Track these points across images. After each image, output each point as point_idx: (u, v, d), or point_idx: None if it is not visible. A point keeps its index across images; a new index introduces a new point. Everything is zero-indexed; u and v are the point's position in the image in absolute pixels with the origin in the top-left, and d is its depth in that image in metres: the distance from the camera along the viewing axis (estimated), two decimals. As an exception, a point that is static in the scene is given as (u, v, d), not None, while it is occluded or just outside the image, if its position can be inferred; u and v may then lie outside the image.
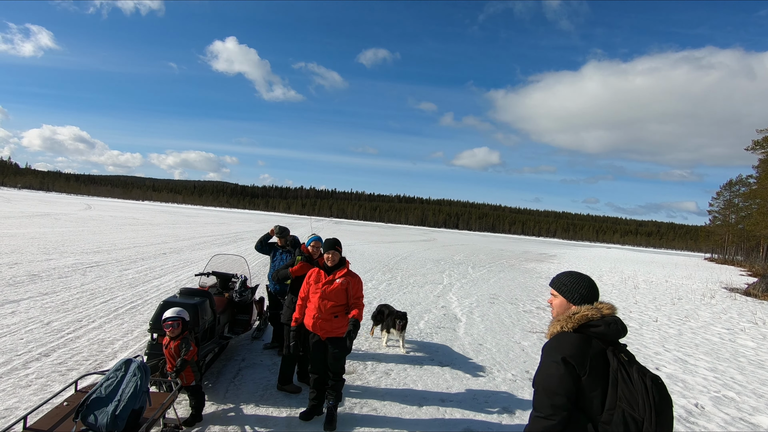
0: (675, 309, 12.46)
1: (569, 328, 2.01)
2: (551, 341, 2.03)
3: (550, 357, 1.96)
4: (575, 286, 2.16)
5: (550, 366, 1.93)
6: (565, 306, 2.16)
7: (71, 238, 16.79)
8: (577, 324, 2.00)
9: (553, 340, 2.02)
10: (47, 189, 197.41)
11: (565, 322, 2.03)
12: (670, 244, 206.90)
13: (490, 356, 6.46)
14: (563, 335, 2.01)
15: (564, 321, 2.05)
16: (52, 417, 3.04)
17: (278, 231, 6.11)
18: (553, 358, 1.93)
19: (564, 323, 2.04)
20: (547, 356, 1.97)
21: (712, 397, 5.55)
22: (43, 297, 7.44)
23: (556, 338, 2.02)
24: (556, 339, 2.01)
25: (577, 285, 2.15)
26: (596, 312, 2.02)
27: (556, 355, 1.93)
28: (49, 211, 34.25)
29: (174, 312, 3.80)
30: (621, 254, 59.28)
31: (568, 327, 2.02)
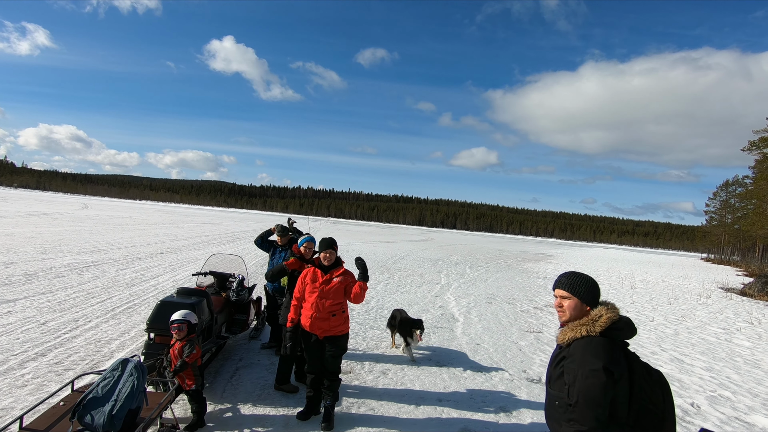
0: (671, 309, 12.51)
1: (596, 333, 1.94)
2: (583, 348, 1.92)
3: (588, 366, 1.85)
4: (589, 287, 2.10)
5: (590, 376, 1.83)
6: (580, 308, 2.08)
7: (68, 237, 16.73)
8: (604, 327, 1.94)
9: (585, 347, 1.92)
10: (44, 188, 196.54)
11: (591, 326, 1.96)
12: (667, 245, 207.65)
13: (488, 356, 6.47)
14: (594, 341, 1.92)
15: (590, 325, 1.96)
16: (48, 417, 3.03)
17: (279, 230, 6.04)
18: (592, 367, 1.84)
19: (590, 327, 1.96)
20: (585, 365, 1.87)
21: (708, 396, 5.58)
22: (39, 296, 7.41)
23: (589, 345, 1.92)
24: (589, 346, 1.91)
25: (590, 286, 2.10)
26: (615, 313, 1.99)
27: (596, 364, 1.84)
28: (46, 211, 34.10)
29: (181, 315, 3.82)
30: (618, 254, 59.46)
31: (595, 331, 1.94)
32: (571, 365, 1.93)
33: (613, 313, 1.98)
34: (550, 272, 21.19)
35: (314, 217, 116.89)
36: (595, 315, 1.99)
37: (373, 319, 7.97)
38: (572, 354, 1.95)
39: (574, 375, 1.89)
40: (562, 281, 2.16)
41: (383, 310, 8.77)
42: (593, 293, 2.08)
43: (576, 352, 1.93)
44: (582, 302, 2.08)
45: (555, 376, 2.04)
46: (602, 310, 2.00)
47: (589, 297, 2.08)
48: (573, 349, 1.97)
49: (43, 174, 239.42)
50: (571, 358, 1.94)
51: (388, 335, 7.05)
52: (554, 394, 2.03)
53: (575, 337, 1.98)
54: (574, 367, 1.91)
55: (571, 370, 1.91)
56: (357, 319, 7.82)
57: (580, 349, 1.93)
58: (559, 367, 2.02)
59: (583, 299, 2.08)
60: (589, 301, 2.07)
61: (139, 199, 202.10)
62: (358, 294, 4.03)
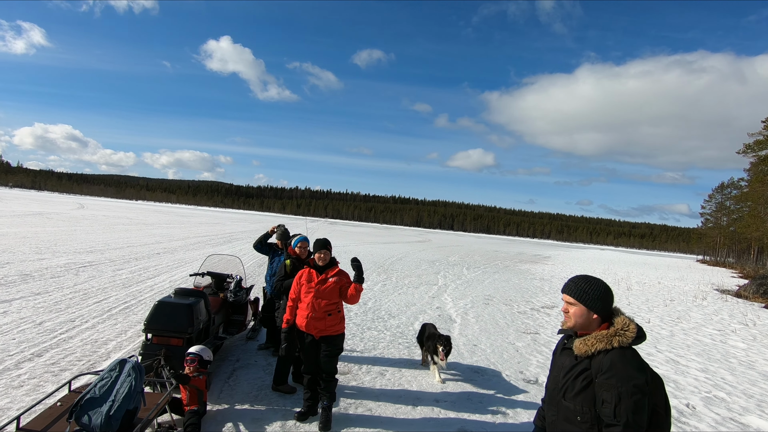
0: (667, 310, 12.58)
1: (627, 344, 1.86)
2: (623, 363, 1.82)
3: (632, 381, 1.77)
4: (599, 295, 1.98)
5: (636, 392, 1.76)
6: (586, 316, 1.98)
7: (64, 237, 16.65)
8: (633, 337, 1.86)
9: (623, 360, 1.82)
10: (39, 188, 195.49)
11: (623, 337, 1.87)
12: (662, 246, 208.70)
13: (485, 357, 6.49)
14: (629, 353, 1.85)
15: (622, 336, 1.87)
16: (45, 417, 3.02)
17: (279, 234, 5.94)
18: (636, 383, 1.77)
19: (622, 338, 1.87)
20: (629, 380, 1.78)
21: (703, 397, 5.61)
22: (35, 297, 7.38)
23: (625, 358, 1.83)
24: (625, 359, 1.83)
25: (601, 294, 1.98)
26: (633, 322, 1.92)
27: (639, 378, 1.78)
28: (41, 211, 33.92)
29: (196, 349, 4.01)
30: (614, 256, 59.68)
31: (626, 343, 1.86)
32: (611, 380, 1.80)
33: (634, 322, 1.92)
34: (547, 274, 21.25)
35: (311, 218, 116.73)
36: (623, 325, 1.90)
37: (371, 320, 7.98)
38: (610, 368, 1.83)
39: (618, 392, 1.78)
40: (570, 286, 2.04)
41: (380, 311, 8.78)
42: (604, 301, 1.96)
43: (616, 367, 1.82)
44: (589, 310, 1.97)
45: (575, 389, 1.93)
46: (626, 319, 1.91)
47: (597, 305, 1.96)
48: (609, 362, 1.84)
49: (39, 174, 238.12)
50: (609, 373, 1.82)
51: (385, 336, 7.07)
52: (575, 408, 1.92)
53: (604, 349, 1.87)
54: (614, 383, 1.79)
55: (611, 386, 1.80)
56: (354, 320, 7.82)
57: (619, 363, 1.82)
58: (582, 380, 1.91)
59: (591, 307, 1.97)
60: (598, 310, 1.96)
61: (136, 199, 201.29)
62: (354, 295, 4.05)
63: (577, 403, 1.92)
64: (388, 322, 8.02)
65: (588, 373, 1.90)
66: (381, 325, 7.76)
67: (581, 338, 1.98)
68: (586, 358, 1.93)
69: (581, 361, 1.95)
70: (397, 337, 7.08)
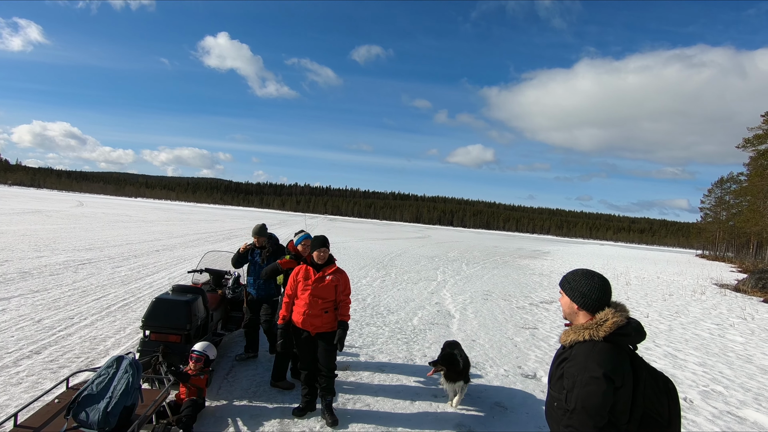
0: (666, 305, 12.60)
1: (599, 337, 1.85)
2: (585, 353, 1.84)
3: (588, 372, 1.79)
4: (579, 287, 2.01)
5: (590, 383, 1.77)
6: (569, 306, 2.03)
7: (63, 235, 16.64)
8: (608, 332, 1.85)
9: (588, 352, 1.84)
10: (38, 186, 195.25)
11: (595, 331, 1.86)
12: (662, 241, 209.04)
13: (483, 352, 6.50)
14: (597, 346, 1.84)
15: (593, 329, 1.87)
16: (43, 414, 3.02)
17: (256, 230, 5.41)
18: (593, 374, 1.78)
19: (593, 331, 1.86)
20: (585, 371, 1.80)
21: (701, 391, 5.63)
22: (34, 294, 7.38)
23: (591, 350, 1.84)
24: (591, 351, 1.84)
25: (583, 287, 2.00)
26: (623, 318, 1.89)
27: (596, 371, 1.77)
28: (41, 208, 33.88)
29: (201, 347, 4.02)
30: (614, 251, 59.76)
31: (599, 335, 1.85)
32: (571, 369, 1.86)
33: (620, 317, 1.88)
34: (546, 269, 21.27)
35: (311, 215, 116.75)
36: (600, 318, 1.89)
37: (370, 316, 7.99)
38: (573, 358, 1.88)
39: (573, 380, 1.82)
40: (563, 277, 2.12)
41: (379, 307, 8.79)
42: (585, 295, 1.98)
43: (577, 357, 1.86)
44: (572, 302, 2.02)
45: (556, 377, 1.99)
46: (608, 314, 1.89)
47: (579, 298, 1.99)
48: (575, 352, 1.89)
49: (38, 171, 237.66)
50: (572, 362, 1.87)
51: (384, 332, 7.07)
52: (554, 395, 1.98)
53: (577, 340, 1.91)
54: (573, 372, 1.84)
55: (570, 375, 1.85)
56: (353, 315, 7.82)
57: (581, 354, 1.85)
58: (559, 369, 1.97)
59: (572, 299, 2.01)
60: (579, 302, 1.99)
61: (135, 196, 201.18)
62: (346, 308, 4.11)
63: (555, 390, 1.98)
64: (387, 317, 8.03)
65: (565, 363, 1.94)
66: (380, 320, 7.77)
67: (566, 328, 2.04)
68: (568, 348, 1.97)
69: (564, 351, 2.00)
70: (395, 332, 7.09)
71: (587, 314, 1.99)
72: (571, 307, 2.03)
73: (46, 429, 2.87)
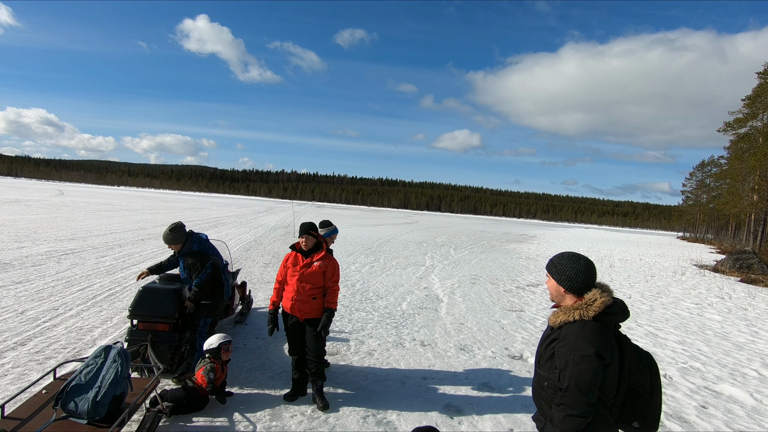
0: (648, 286, 12.94)
1: (589, 317, 1.91)
2: (576, 333, 1.90)
3: (579, 351, 1.85)
4: (564, 270, 2.06)
5: (582, 361, 1.83)
6: (556, 289, 2.09)
7: (44, 225, 16.26)
8: (597, 312, 1.91)
9: (578, 331, 1.90)
10: (15, 174, 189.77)
11: (585, 311, 1.93)
12: (645, 224, 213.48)
13: (471, 335, 6.62)
14: (587, 326, 1.90)
15: (583, 309, 1.93)
16: (30, 405, 3.00)
17: (167, 237, 4.48)
18: (584, 353, 1.84)
19: (583, 312, 1.93)
20: (577, 350, 1.86)
21: (680, 368, 5.84)
22: (16, 285, 7.24)
23: (582, 330, 1.90)
24: (581, 330, 1.90)
25: (567, 269, 2.05)
26: (610, 298, 1.95)
27: (587, 349, 1.84)
28: (19, 198, 32.98)
29: (224, 338, 4.02)
30: (598, 234, 60.87)
31: (588, 315, 1.91)
32: (562, 349, 1.91)
33: (607, 297, 1.95)
34: (533, 253, 21.59)
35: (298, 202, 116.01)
36: (589, 299, 1.95)
37: (359, 302, 8.04)
38: (564, 338, 1.93)
39: (566, 359, 1.88)
40: (549, 261, 2.17)
41: (368, 293, 8.85)
42: (570, 278, 2.03)
43: (569, 337, 1.91)
44: (558, 284, 2.08)
45: (545, 358, 2.04)
46: (596, 294, 1.96)
47: (566, 281, 2.04)
48: (565, 332, 1.94)
49: (15, 160, 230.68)
50: (563, 342, 1.92)
51: (373, 317, 7.14)
52: (543, 375, 2.04)
53: (567, 321, 1.96)
54: (565, 351, 1.89)
55: (562, 354, 1.90)
56: (342, 301, 7.87)
57: (573, 333, 1.91)
58: (549, 349, 2.02)
59: (558, 282, 2.07)
60: (565, 284, 2.05)
61: (117, 185, 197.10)
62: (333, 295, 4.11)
63: (545, 370, 2.04)
64: (376, 303, 8.10)
65: (555, 343, 1.99)
66: (369, 306, 7.83)
67: (555, 310, 2.10)
68: (557, 328, 2.03)
69: (553, 332, 2.05)
70: (385, 317, 7.16)
71: (574, 296, 2.04)
72: (558, 290, 2.09)
73: (34, 419, 2.85)
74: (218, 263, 4.80)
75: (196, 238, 4.66)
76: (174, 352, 4.22)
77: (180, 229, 4.51)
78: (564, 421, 1.86)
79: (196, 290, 4.43)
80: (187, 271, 4.59)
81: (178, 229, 4.50)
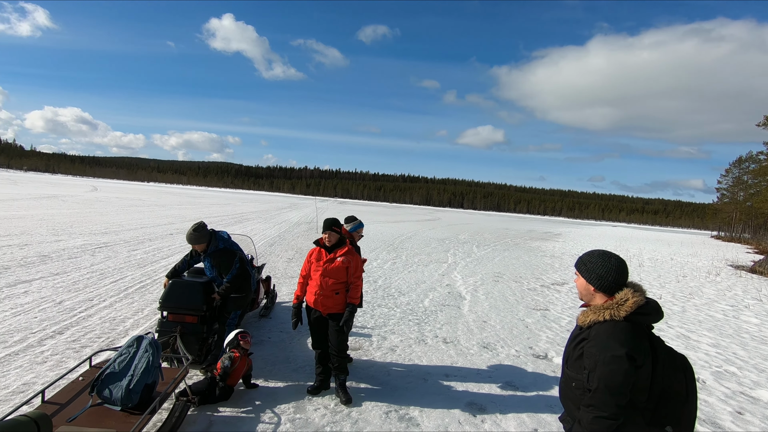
0: (679, 286, 12.49)
1: (620, 317, 1.86)
2: (607, 333, 1.85)
3: (610, 352, 1.80)
4: (594, 268, 2.01)
5: (612, 362, 1.78)
6: (585, 287, 2.04)
7: (79, 219, 16.96)
8: (629, 312, 1.86)
9: (608, 331, 1.85)
10: (53, 171, 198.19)
11: (616, 311, 1.87)
12: (676, 222, 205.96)
13: (494, 333, 6.54)
14: (618, 326, 1.85)
15: (614, 309, 1.88)
16: (68, 391, 3.14)
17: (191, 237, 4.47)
18: (615, 353, 1.78)
19: (614, 311, 1.87)
20: (607, 351, 1.81)
21: (714, 371, 5.62)
22: (54, 277, 7.58)
23: (612, 330, 1.85)
24: (612, 331, 1.85)
25: (598, 268, 2.00)
26: (642, 298, 1.90)
27: (618, 350, 1.78)
28: (56, 193, 34.49)
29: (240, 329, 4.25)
30: (627, 232, 59.09)
31: (619, 315, 1.86)
32: (591, 349, 1.86)
33: (639, 297, 1.89)
34: (558, 251, 21.16)
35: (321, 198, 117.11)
36: (620, 299, 1.90)
37: (381, 298, 8.07)
38: (594, 338, 1.88)
39: (595, 360, 1.83)
40: (578, 258, 2.11)
41: (390, 289, 8.86)
42: (601, 276, 1.98)
43: (599, 337, 1.86)
44: (587, 283, 2.03)
45: (573, 357, 1.99)
46: (628, 294, 1.90)
47: (596, 280, 1.99)
48: (595, 332, 1.89)
49: (52, 157, 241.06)
50: (593, 342, 1.88)
51: (395, 313, 7.14)
52: (571, 375, 1.99)
53: (597, 320, 1.91)
54: (594, 352, 1.84)
55: (591, 355, 1.85)
56: (364, 297, 7.90)
57: (603, 333, 1.86)
58: (578, 349, 1.97)
59: (588, 280, 2.02)
60: (595, 283, 1.99)
61: (147, 180, 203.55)
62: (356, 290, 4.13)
63: (573, 370, 1.99)
64: (398, 299, 8.11)
65: (584, 343, 1.94)
66: (391, 302, 7.85)
67: (584, 309, 2.04)
68: (586, 328, 1.98)
69: (582, 331, 2.00)
70: (407, 314, 7.16)
71: (604, 295, 1.99)
72: (588, 289, 2.04)
73: (71, 405, 2.98)
74: (244, 257, 4.90)
75: (219, 236, 4.70)
76: (202, 344, 4.35)
77: (203, 229, 4.53)
78: (593, 422, 1.81)
79: (228, 285, 4.51)
80: (216, 269, 4.61)
81: (202, 228, 4.52)
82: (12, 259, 8.58)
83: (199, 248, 4.56)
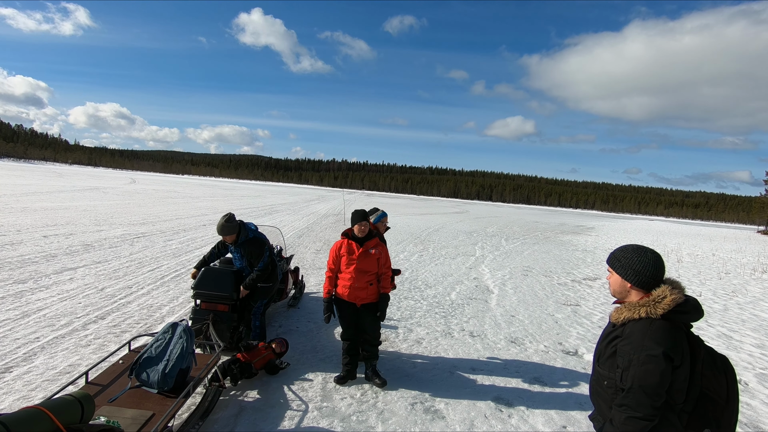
0: (721, 284, 11.90)
1: (657, 315, 1.79)
2: (642, 331, 1.78)
3: (646, 351, 1.73)
4: (630, 264, 1.92)
5: (648, 361, 1.72)
6: (620, 284, 1.96)
7: (119, 210, 17.76)
8: (666, 310, 1.78)
9: (644, 330, 1.78)
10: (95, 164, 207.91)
11: (652, 308, 1.80)
12: (719, 217, 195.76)
13: (522, 327, 6.44)
14: (654, 324, 1.78)
15: (650, 306, 1.81)
16: (109, 373, 3.31)
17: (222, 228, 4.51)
18: (650, 352, 1.72)
19: (651, 309, 1.80)
20: (642, 350, 1.74)
21: (758, 373, 5.34)
22: (96, 265, 7.97)
23: (648, 328, 1.78)
24: (648, 329, 1.78)
25: (634, 264, 1.91)
26: (681, 295, 1.81)
27: (655, 349, 1.72)
28: (98, 185, 36.19)
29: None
30: (664, 227, 56.64)
31: (656, 313, 1.79)
32: (626, 347, 1.80)
33: (678, 294, 1.80)
34: (590, 245, 20.54)
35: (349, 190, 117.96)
36: (658, 296, 1.81)
37: (408, 290, 8.07)
38: (628, 336, 1.81)
39: (629, 359, 1.77)
40: (611, 254, 2.03)
41: (417, 282, 8.86)
42: (637, 272, 1.89)
43: (633, 335, 1.79)
44: (623, 279, 1.94)
45: (606, 355, 1.93)
46: (665, 291, 1.81)
47: (629, 274, 1.91)
48: (629, 330, 1.83)
49: (94, 151, 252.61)
50: (627, 340, 1.81)
51: (422, 306, 7.13)
52: (603, 373, 1.94)
53: (632, 318, 1.84)
54: (629, 350, 1.78)
55: (625, 353, 1.79)
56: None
57: (638, 332, 1.79)
58: (611, 347, 1.91)
59: (623, 276, 1.94)
60: (631, 279, 1.91)
61: (182, 173, 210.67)
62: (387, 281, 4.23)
63: (605, 368, 1.94)
64: (425, 292, 8.09)
65: (617, 341, 1.88)
66: (418, 294, 7.84)
67: (618, 306, 1.98)
68: (620, 325, 1.91)
69: (616, 329, 1.94)
70: (433, 306, 7.14)
71: (640, 292, 1.91)
72: (623, 285, 1.96)
73: (112, 386, 3.15)
74: (272, 246, 5.01)
75: (248, 227, 4.78)
76: (233, 332, 4.50)
77: (234, 220, 4.58)
78: (626, 423, 1.76)
79: (259, 274, 4.60)
80: (246, 258, 4.69)
81: (232, 219, 4.57)
82: (59, 248, 9.09)
83: (229, 239, 4.63)
